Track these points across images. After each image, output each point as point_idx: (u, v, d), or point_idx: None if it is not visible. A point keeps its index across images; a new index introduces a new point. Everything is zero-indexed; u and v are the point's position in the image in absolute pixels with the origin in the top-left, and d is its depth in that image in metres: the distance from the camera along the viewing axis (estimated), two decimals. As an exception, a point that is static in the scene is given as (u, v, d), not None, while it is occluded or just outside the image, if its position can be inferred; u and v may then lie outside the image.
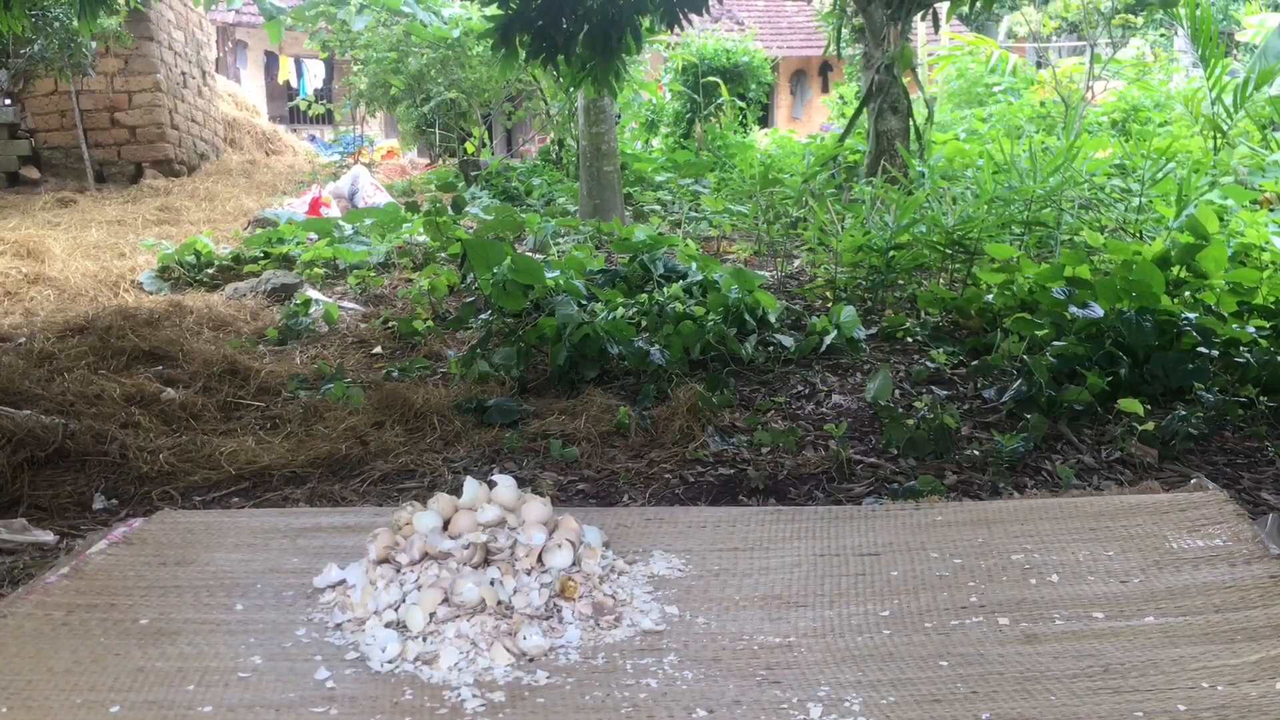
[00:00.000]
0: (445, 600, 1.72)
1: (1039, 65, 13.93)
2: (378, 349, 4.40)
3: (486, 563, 1.82)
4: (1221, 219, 4.69)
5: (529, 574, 1.81)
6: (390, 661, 1.62)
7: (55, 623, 1.79)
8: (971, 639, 1.65)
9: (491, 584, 1.76)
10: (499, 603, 1.73)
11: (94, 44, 9.79)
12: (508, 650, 1.62)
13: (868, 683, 1.54)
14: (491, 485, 1.98)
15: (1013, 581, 1.82)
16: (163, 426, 3.33)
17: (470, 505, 1.94)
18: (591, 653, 1.67)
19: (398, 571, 1.83)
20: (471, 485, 1.97)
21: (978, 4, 5.59)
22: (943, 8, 8.65)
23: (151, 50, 10.76)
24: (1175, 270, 3.90)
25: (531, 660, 1.63)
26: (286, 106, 17.90)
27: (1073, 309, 3.56)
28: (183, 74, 11.60)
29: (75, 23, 8.25)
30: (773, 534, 2.16)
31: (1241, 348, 3.42)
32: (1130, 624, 1.64)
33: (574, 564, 1.86)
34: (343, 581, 1.89)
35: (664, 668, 1.61)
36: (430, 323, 4.62)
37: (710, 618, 1.79)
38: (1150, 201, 5.38)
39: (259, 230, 7.11)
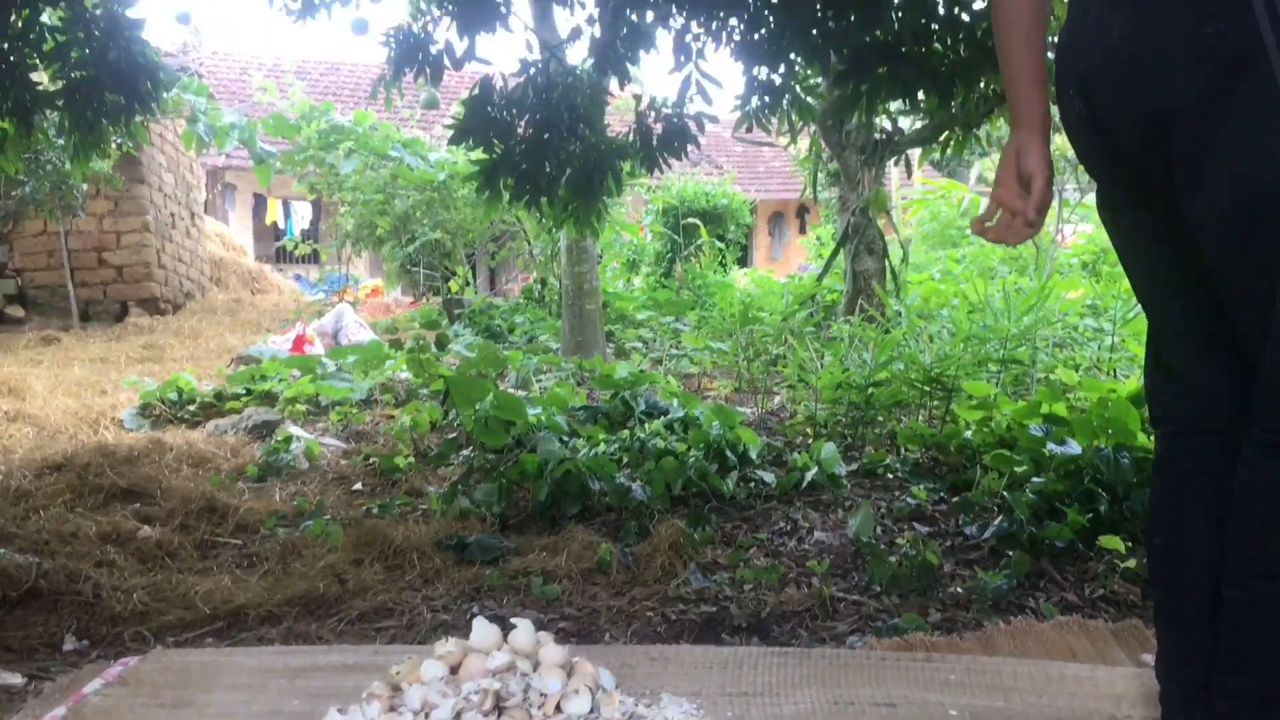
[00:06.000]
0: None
1: (1010, 208, 14.27)
2: (358, 485, 4.38)
3: (498, 710, 1.77)
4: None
5: (547, 722, 1.76)
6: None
7: (54, 768, 1.74)
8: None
9: (507, 732, 1.71)
10: (514, 752, 1.67)
11: (85, 186, 9.97)
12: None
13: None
14: (508, 627, 1.94)
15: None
16: (138, 565, 3.28)
17: (480, 648, 1.90)
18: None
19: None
20: (480, 625, 1.94)
21: (948, 150, 5.79)
22: (914, 154, 8.94)
23: (142, 192, 10.96)
24: (1150, 407, 3.94)
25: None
26: (273, 246, 18.18)
27: (1051, 446, 3.59)
28: (171, 215, 11.79)
29: (68, 165, 8.42)
30: (783, 679, 2.11)
31: (1218, 484, 3.44)
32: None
33: (592, 710, 1.80)
34: (344, 728, 1.84)
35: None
36: (412, 459, 4.61)
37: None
38: (1123, 341, 5.48)
39: (242, 367, 7.14)
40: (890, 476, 4.15)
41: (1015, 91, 1.73)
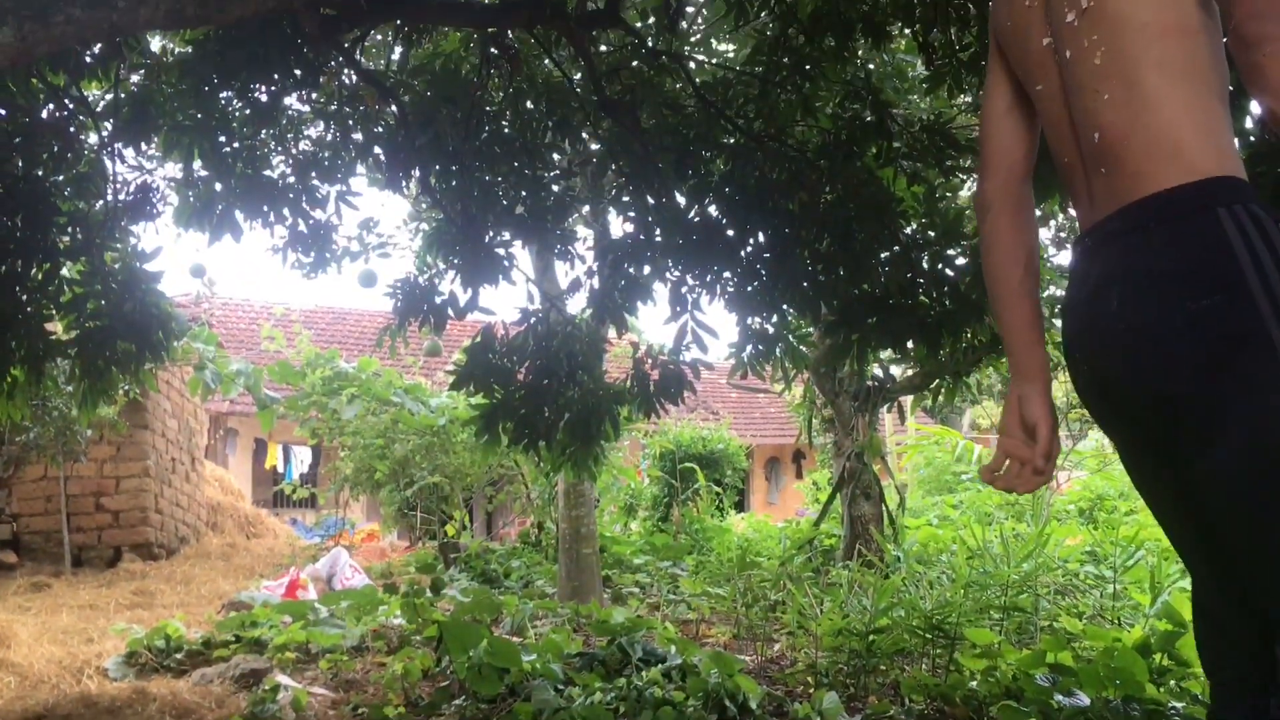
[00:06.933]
0: None
1: (1004, 454, 14.40)
2: (345, 738, 4.23)
3: None
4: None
5: None
6: None
7: None
8: None
9: None
10: None
11: (89, 431, 10.05)
12: None
13: None
14: None
15: None
16: (112, 823, 3.14)
17: None
18: None
19: None
20: None
21: (939, 397, 5.92)
22: (907, 400, 9.13)
23: (144, 438, 11.03)
24: (1157, 658, 3.88)
25: None
26: (272, 490, 18.18)
27: (1059, 697, 3.51)
28: (172, 460, 11.85)
29: (74, 411, 8.52)
30: None
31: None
32: None
33: None
34: None
35: None
36: (402, 709, 4.47)
37: None
38: (1125, 588, 5.43)
39: (233, 613, 7.02)
40: (895, 728, 4.02)
41: (1012, 344, 1.77)
